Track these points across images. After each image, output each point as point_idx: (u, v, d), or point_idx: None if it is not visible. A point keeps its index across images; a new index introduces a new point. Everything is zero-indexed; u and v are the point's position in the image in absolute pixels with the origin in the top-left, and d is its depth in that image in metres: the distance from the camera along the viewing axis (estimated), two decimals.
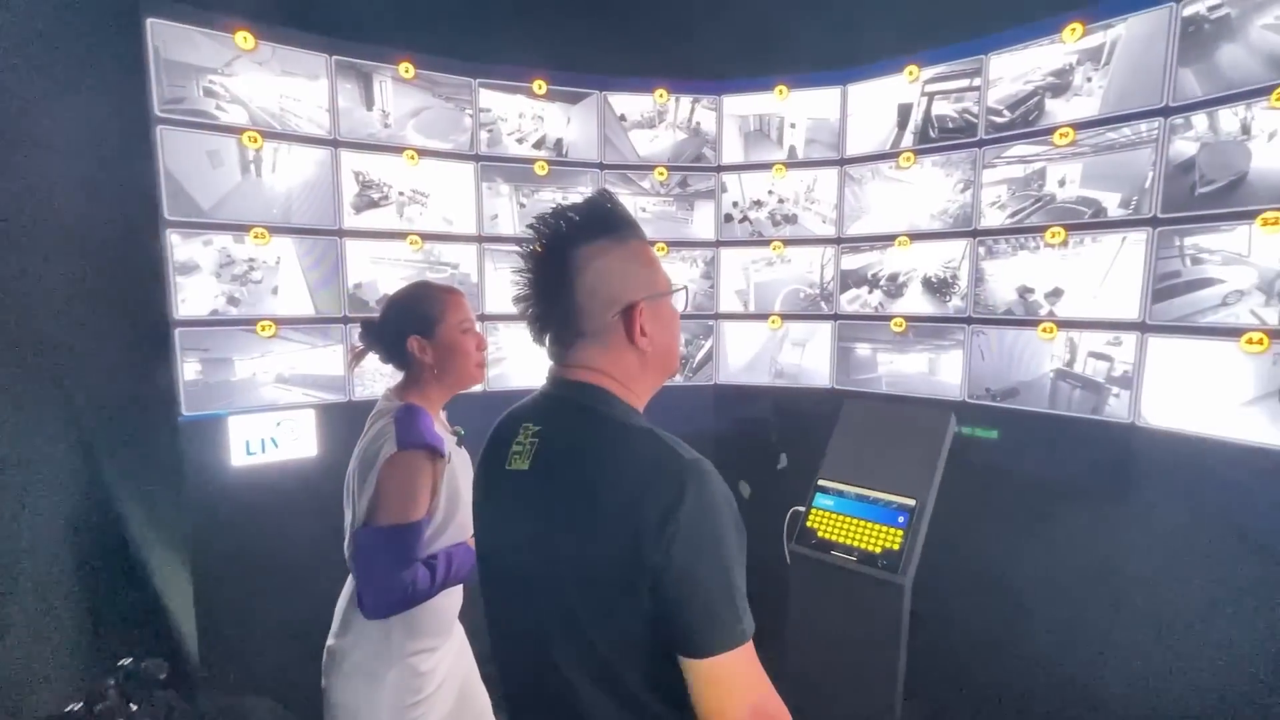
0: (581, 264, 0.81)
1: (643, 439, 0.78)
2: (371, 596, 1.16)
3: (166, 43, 1.89)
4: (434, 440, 1.22)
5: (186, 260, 1.98)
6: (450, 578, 1.23)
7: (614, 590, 0.74)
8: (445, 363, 1.30)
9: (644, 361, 0.85)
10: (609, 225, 0.84)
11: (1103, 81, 1.93)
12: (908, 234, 2.37)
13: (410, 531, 1.18)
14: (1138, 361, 1.88)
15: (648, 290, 0.84)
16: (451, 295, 1.34)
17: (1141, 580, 1.81)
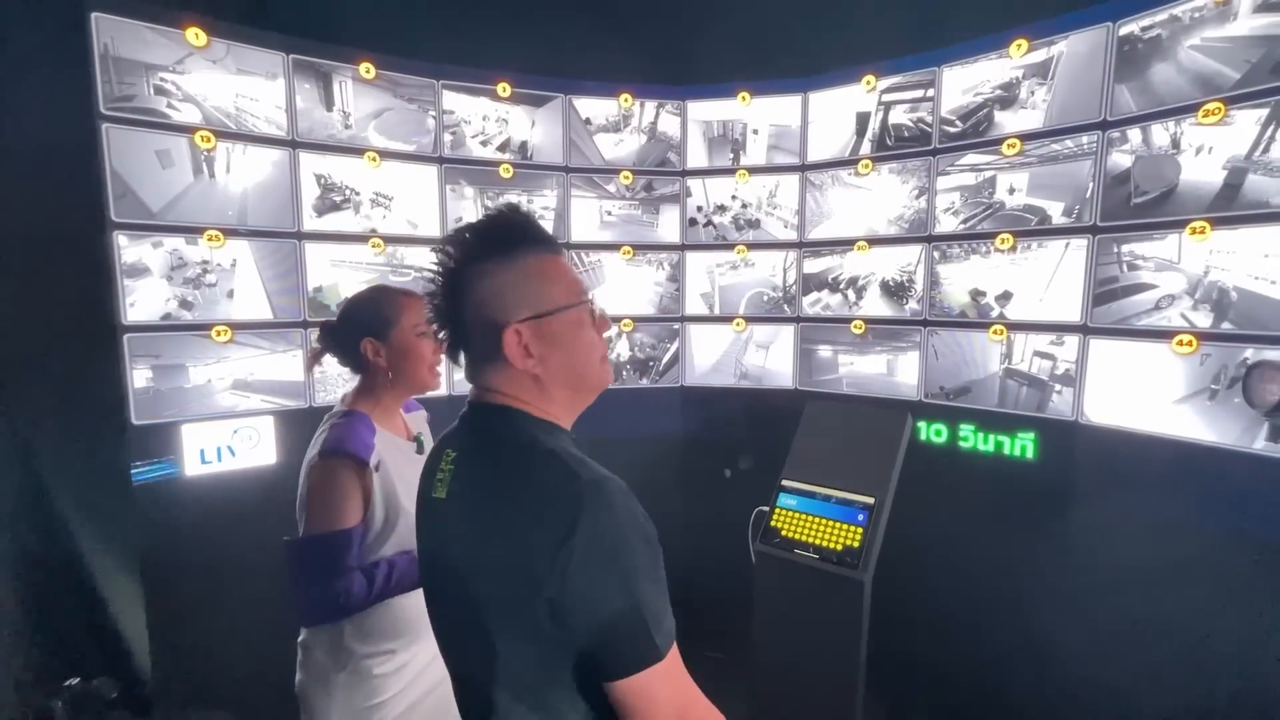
0: (468, 287, 0.82)
1: (542, 461, 0.77)
2: (301, 605, 1.17)
3: (114, 38, 1.82)
4: (356, 449, 1.20)
5: (135, 263, 1.92)
6: (392, 586, 1.20)
7: (522, 618, 0.73)
8: (399, 366, 1.29)
9: (540, 382, 0.83)
10: (498, 244, 0.82)
11: (1046, 95, 2.02)
12: (866, 239, 2.44)
13: (338, 540, 1.16)
14: (1080, 362, 1.98)
15: (532, 309, 0.81)
16: (408, 298, 1.32)
17: (1089, 572, 1.90)
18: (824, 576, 1.80)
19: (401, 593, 1.24)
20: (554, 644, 0.73)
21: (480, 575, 0.77)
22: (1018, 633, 2.06)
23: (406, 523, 1.26)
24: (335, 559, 1.15)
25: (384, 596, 1.21)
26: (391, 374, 1.29)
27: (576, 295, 0.84)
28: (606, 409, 0.88)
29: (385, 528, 1.24)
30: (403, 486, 1.25)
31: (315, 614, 1.18)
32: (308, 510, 1.19)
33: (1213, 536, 1.67)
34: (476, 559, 0.77)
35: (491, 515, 0.77)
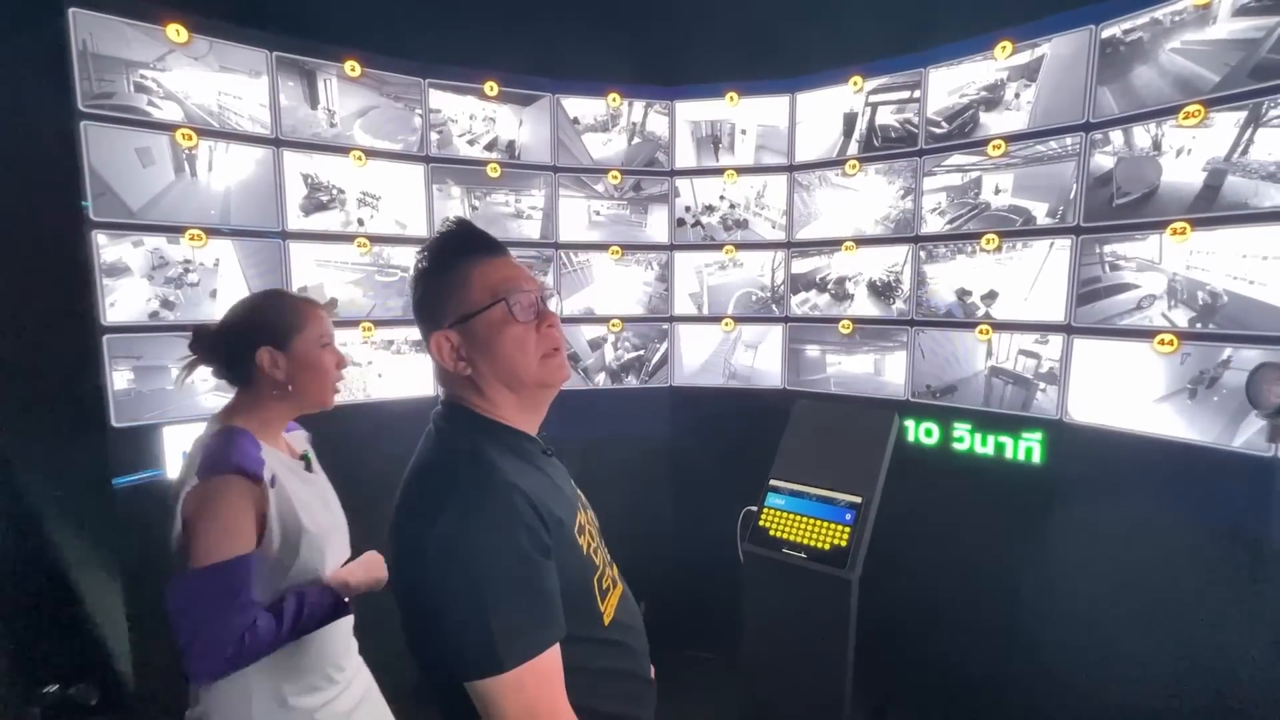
0: (417, 295, 0.89)
1: (443, 462, 0.82)
2: (196, 653, 0.96)
3: (93, 34, 1.79)
4: (244, 463, 1.05)
5: (115, 262, 1.88)
6: (303, 622, 1.07)
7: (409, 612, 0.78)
8: (298, 379, 1.15)
9: (481, 383, 0.87)
10: (437, 257, 0.88)
11: (1031, 97, 2.04)
12: (854, 239, 2.45)
13: (232, 569, 1.00)
14: (1064, 361, 2.00)
15: (455, 314, 0.85)
16: (312, 307, 1.21)
17: (1073, 569, 1.93)
18: (812, 576, 1.80)
19: (317, 627, 1.11)
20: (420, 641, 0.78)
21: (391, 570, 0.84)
22: (1003, 631, 2.08)
23: (310, 546, 1.13)
24: (234, 592, 1.00)
25: (295, 635, 1.07)
26: (290, 387, 1.15)
27: (498, 294, 0.85)
28: (595, 410, 0.89)
29: (286, 552, 1.10)
30: (300, 506, 1.13)
31: (214, 663, 0.98)
32: (193, 539, 1.01)
33: (1193, 533, 1.70)
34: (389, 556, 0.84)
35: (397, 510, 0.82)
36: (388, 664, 1.33)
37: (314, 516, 1.16)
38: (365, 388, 2.34)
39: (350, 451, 2.25)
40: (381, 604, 0.99)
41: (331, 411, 1.23)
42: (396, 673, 1.25)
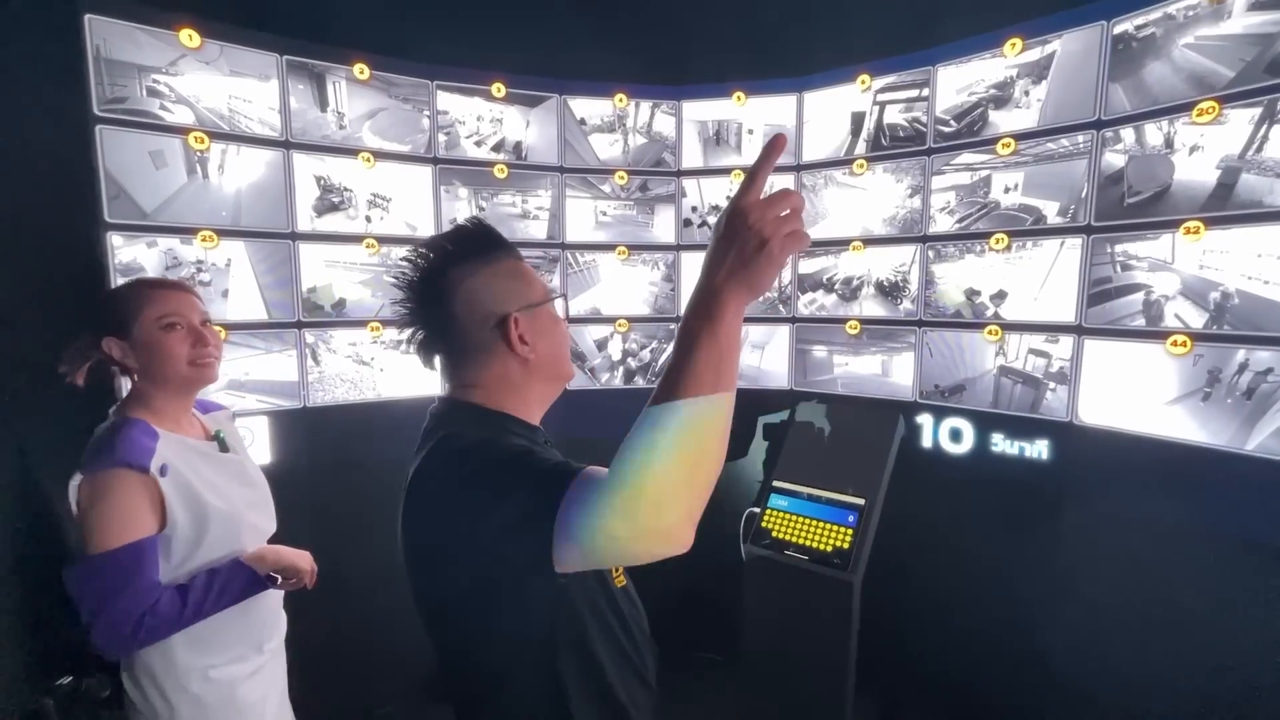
0: (454, 286, 0.87)
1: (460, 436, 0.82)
2: (98, 633, 1.03)
3: (107, 40, 1.83)
4: (127, 455, 1.07)
5: (130, 262, 1.92)
6: (213, 597, 1.11)
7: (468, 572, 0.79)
8: (148, 364, 1.17)
9: (527, 369, 0.90)
10: (476, 248, 0.90)
11: (1041, 94, 2.01)
12: (861, 239, 2.43)
13: (124, 555, 1.05)
14: (1074, 363, 1.97)
15: (520, 302, 0.89)
16: (155, 289, 1.21)
17: (1081, 573, 1.90)
18: (814, 578, 1.79)
19: (234, 602, 1.15)
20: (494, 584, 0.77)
21: (426, 561, 0.83)
22: (1008, 633, 2.05)
23: (222, 525, 1.17)
24: (128, 577, 1.05)
25: (208, 610, 1.11)
26: (141, 374, 1.18)
27: (549, 291, 0.92)
28: (601, 410, 0.91)
29: (195, 533, 1.14)
30: (205, 486, 1.16)
31: (115, 641, 1.04)
32: (86, 530, 1.06)
33: (1206, 538, 1.66)
34: (419, 548, 0.83)
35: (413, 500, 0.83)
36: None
37: (224, 495, 1.20)
38: (375, 387, 2.36)
39: (359, 447, 2.29)
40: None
41: (339, 408, 1.28)
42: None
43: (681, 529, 0.63)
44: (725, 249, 0.67)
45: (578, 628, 0.83)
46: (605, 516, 0.63)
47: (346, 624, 2.15)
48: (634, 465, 0.62)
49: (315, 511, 1.52)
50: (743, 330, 0.73)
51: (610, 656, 0.86)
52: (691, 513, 0.63)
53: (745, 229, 0.66)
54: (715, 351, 0.65)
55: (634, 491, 0.61)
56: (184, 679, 1.15)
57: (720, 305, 0.66)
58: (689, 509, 0.63)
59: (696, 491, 0.64)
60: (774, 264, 0.66)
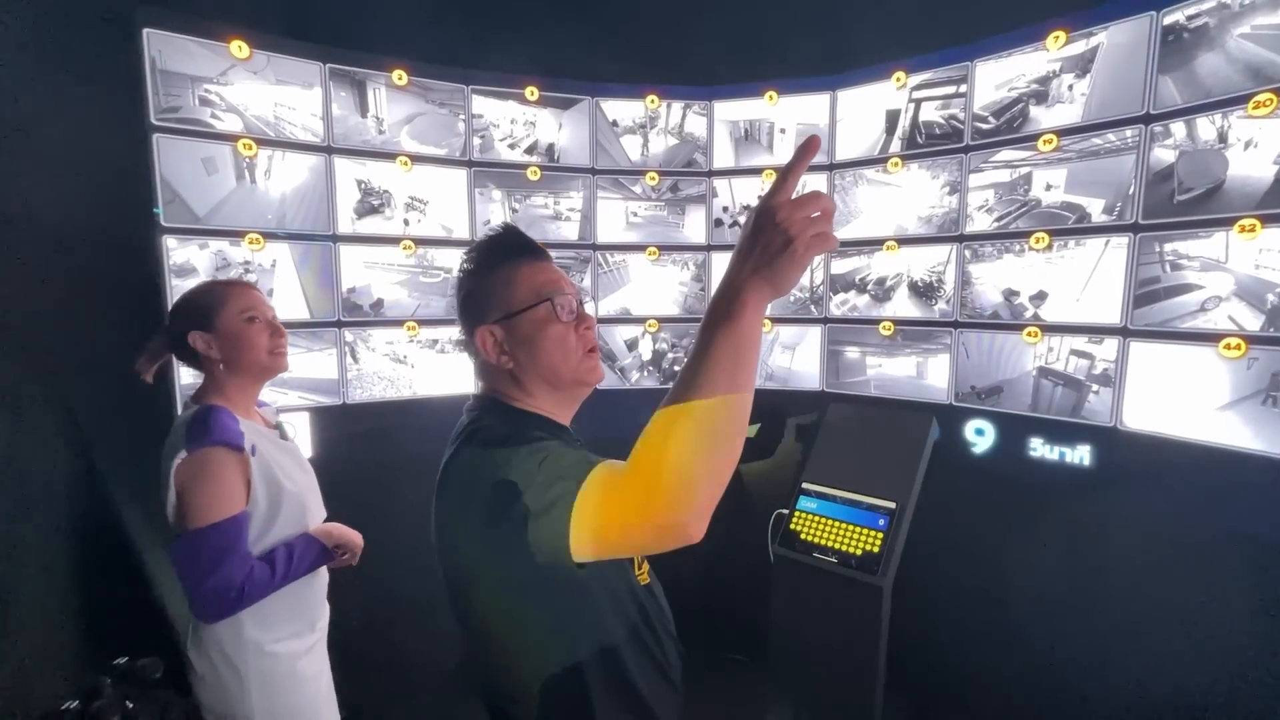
0: (462, 293, 0.94)
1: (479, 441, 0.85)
2: (204, 600, 1.13)
3: (163, 52, 1.92)
4: (227, 435, 1.18)
5: (183, 263, 2.02)
6: (294, 568, 1.22)
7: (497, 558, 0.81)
8: (231, 355, 1.27)
9: (519, 378, 0.91)
10: (484, 257, 0.93)
11: (1085, 89, 1.95)
12: (895, 239, 2.39)
13: (228, 527, 1.16)
14: (1119, 366, 1.90)
15: (501, 310, 0.90)
16: (232, 287, 1.32)
17: (1121, 582, 1.83)
18: (843, 581, 1.77)
19: (307, 573, 1.27)
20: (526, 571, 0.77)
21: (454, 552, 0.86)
22: (1043, 645, 1.99)
23: (292, 504, 1.28)
24: (230, 547, 1.15)
25: (289, 579, 1.22)
26: (226, 364, 1.27)
27: (542, 294, 0.90)
28: (631, 409, 0.92)
29: (270, 510, 1.25)
30: (279, 469, 1.27)
31: (218, 606, 1.14)
32: (189, 506, 1.15)
33: (1257, 550, 1.59)
34: (448, 540, 0.86)
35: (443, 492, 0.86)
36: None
37: (292, 478, 1.30)
38: (411, 385, 2.43)
39: (395, 442, 2.36)
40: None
41: (377, 405, 1.35)
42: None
43: (693, 523, 0.64)
44: (751, 246, 0.67)
45: (599, 622, 0.84)
46: (619, 507, 0.65)
47: (380, 612, 2.21)
48: (649, 461, 0.64)
49: (352, 503, 1.57)
50: (768, 329, 0.73)
51: (632, 652, 0.86)
52: (704, 508, 0.64)
53: (772, 227, 0.66)
54: (732, 350, 0.66)
55: (648, 485, 0.63)
56: (251, 652, 1.23)
57: (740, 303, 0.66)
58: (701, 504, 0.64)
59: (710, 488, 0.64)
60: (798, 264, 0.66)
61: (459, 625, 0.90)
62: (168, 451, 1.19)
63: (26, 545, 1.58)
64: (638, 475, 0.64)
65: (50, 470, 1.71)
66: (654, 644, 0.90)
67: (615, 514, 0.65)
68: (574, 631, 0.82)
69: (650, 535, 0.65)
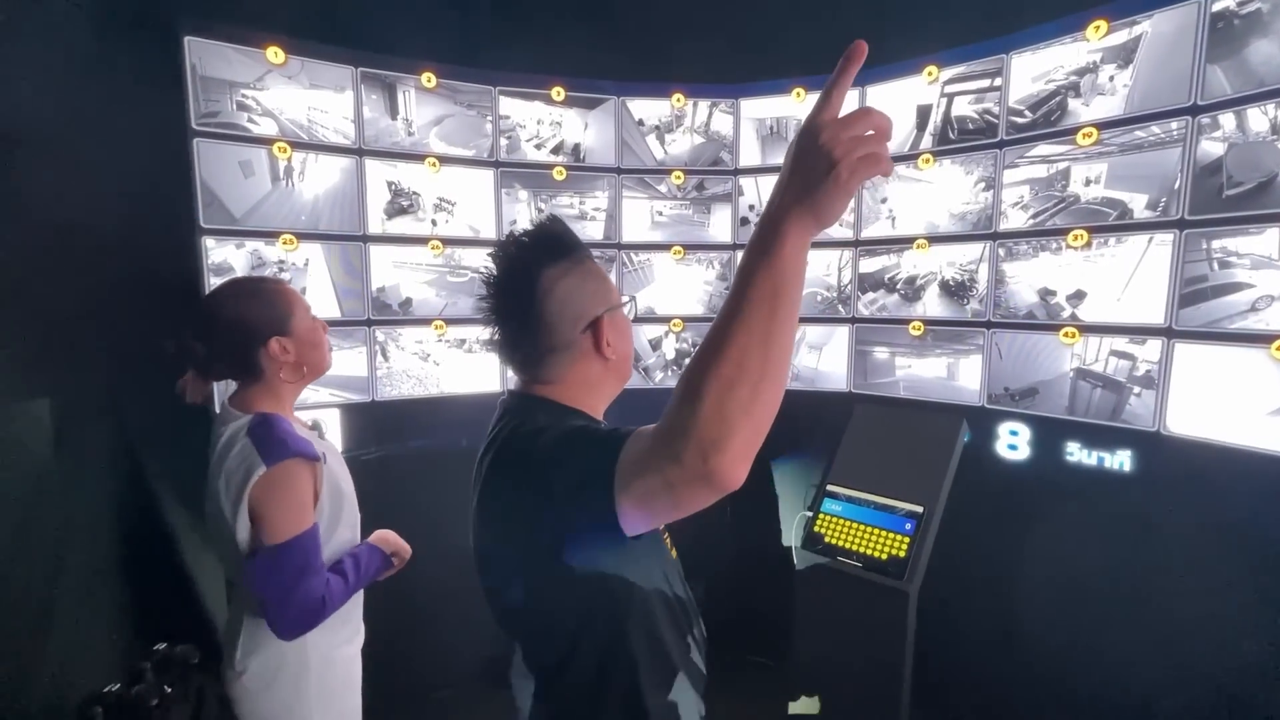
0: (548, 285, 0.87)
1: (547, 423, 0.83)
2: (288, 617, 1.11)
3: (203, 59, 1.99)
4: (303, 446, 1.16)
5: (221, 263, 2.09)
6: (361, 579, 1.23)
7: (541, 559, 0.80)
8: (307, 358, 1.25)
9: (606, 370, 0.92)
10: (566, 248, 0.90)
11: (1128, 80, 1.87)
12: (926, 236, 2.34)
13: (306, 543, 1.13)
14: (1163, 368, 1.83)
15: (606, 304, 0.91)
16: (287, 288, 1.28)
17: (1161, 592, 1.76)
18: (868, 585, 1.74)
19: (370, 582, 1.28)
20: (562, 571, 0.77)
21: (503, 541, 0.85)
22: (1078, 656, 1.92)
23: (349, 510, 1.29)
24: (310, 562, 1.13)
25: (357, 589, 1.23)
26: (304, 368, 1.24)
27: (620, 294, 0.93)
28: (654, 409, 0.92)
29: (333, 516, 1.24)
30: (339, 476, 1.28)
31: (302, 622, 1.13)
32: (269, 522, 1.11)
33: None
34: (495, 531, 0.86)
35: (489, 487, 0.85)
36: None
37: (348, 480, 1.31)
38: (439, 383, 2.46)
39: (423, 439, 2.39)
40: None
41: (405, 403, 1.36)
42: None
43: (731, 469, 0.59)
44: (791, 173, 0.61)
45: (646, 599, 0.83)
46: (656, 463, 0.62)
47: (409, 608, 2.25)
48: (683, 409, 0.60)
49: (381, 499, 1.60)
50: (800, 330, 0.71)
51: (669, 629, 0.85)
52: (741, 454, 0.59)
53: (815, 149, 0.59)
54: (771, 289, 0.60)
55: (683, 434, 0.60)
56: (315, 660, 1.22)
57: (779, 237, 0.60)
58: (738, 449, 0.59)
59: (746, 433, 0.60)
60: (842, 191, 0.59)
61: (495, 609, 0.90)
62: (235, 466, 1.13)
63: (74, 534, 1.65)
64: (671, 426, 0.61)
65: (96, 465, 1.78)
66: (687, 623, 0.89)
67: (659, 473, 0.62)
68: (623, 610, 0.81)
69: (692, 488, 0.61)
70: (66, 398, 1.64)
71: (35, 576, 1.53)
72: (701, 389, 0.59)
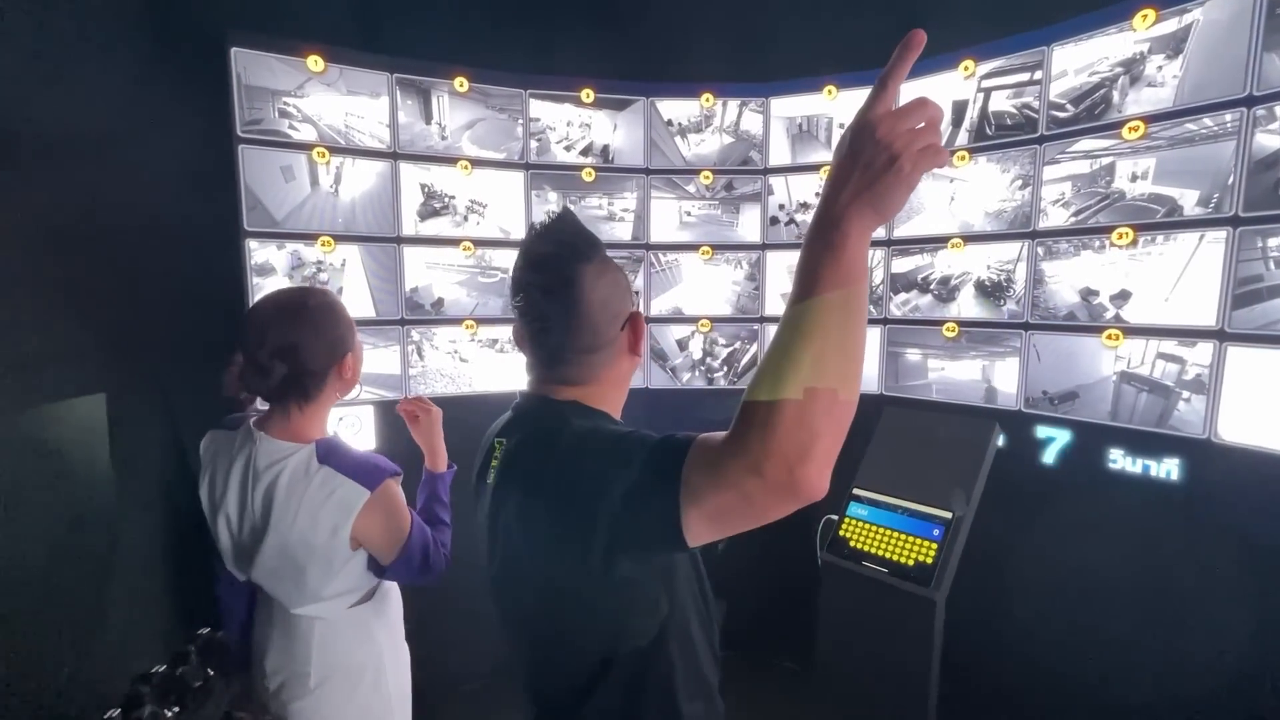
0: (590, 281, 0.84)
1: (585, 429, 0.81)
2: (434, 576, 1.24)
3: (247, 69, 2.07)
4: (389, 464, 1.19)
5: (263, 263, 2.17)
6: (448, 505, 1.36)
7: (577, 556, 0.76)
8: (357, 377, 1.25)
9: (633, 368, 0.93)
10: (595, 243, 0.88)
11: (1177, 71, 1.79)
12: (961, 235, 2.27)
13: (416, 531, 1.21)
14: (1215, 372, 1.74)
15: (631, 300, 0.92)
16: (338, 300, 1.26)
17: (1208, 608, 1.67)
18: (894, 592, 1.70)
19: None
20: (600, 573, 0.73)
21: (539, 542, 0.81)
22: (1115, 673, 1.84)
23: None
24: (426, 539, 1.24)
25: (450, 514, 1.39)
26: (345, 387, 1.23)
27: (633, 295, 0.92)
28: (680, 409, 0.92)
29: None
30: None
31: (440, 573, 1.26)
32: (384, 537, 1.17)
33: None
34: (534, 532, 0.82)
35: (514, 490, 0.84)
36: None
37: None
38: (471, 382, 2.51)
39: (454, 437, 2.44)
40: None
41: (437, 401, 1.43)
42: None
43: (818, 478, 0.57)
44: (849, 168, 0.59)
45: (684, 606, 0.81)
46: (734, 474, 0.59)
47: (435, 602, 2.29)
48: (760, 419, 0.57)
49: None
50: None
51: (701, 635, 0.85)
52: (826, 460, 0.57)
53: (873, 143, 0.58)
54: (841, 289, 0.58)
55: (763, 446, 0.57)
56: (387, 649, 1.27)
57: (843, 234, 0.59)
58: (824, 458, 0.57)
59: (830, 439, 0.57)
60: (905, 183, 0.58)
61: (516, 628, 0.90)
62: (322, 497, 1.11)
63: (128, 523, 1.75)
64: (749, 437, 0.58)
65: (147, 458, 1.87)
66: (713, 627, 0.88)
67: (730, 486, 0.59)
68: (666, 618, 0.79)
69: (773, 498, 0.58)
70: (118, 393, 1.73)
71: (91, 566, 1.62)
72: (779, 397, 0.57)
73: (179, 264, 1.93)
